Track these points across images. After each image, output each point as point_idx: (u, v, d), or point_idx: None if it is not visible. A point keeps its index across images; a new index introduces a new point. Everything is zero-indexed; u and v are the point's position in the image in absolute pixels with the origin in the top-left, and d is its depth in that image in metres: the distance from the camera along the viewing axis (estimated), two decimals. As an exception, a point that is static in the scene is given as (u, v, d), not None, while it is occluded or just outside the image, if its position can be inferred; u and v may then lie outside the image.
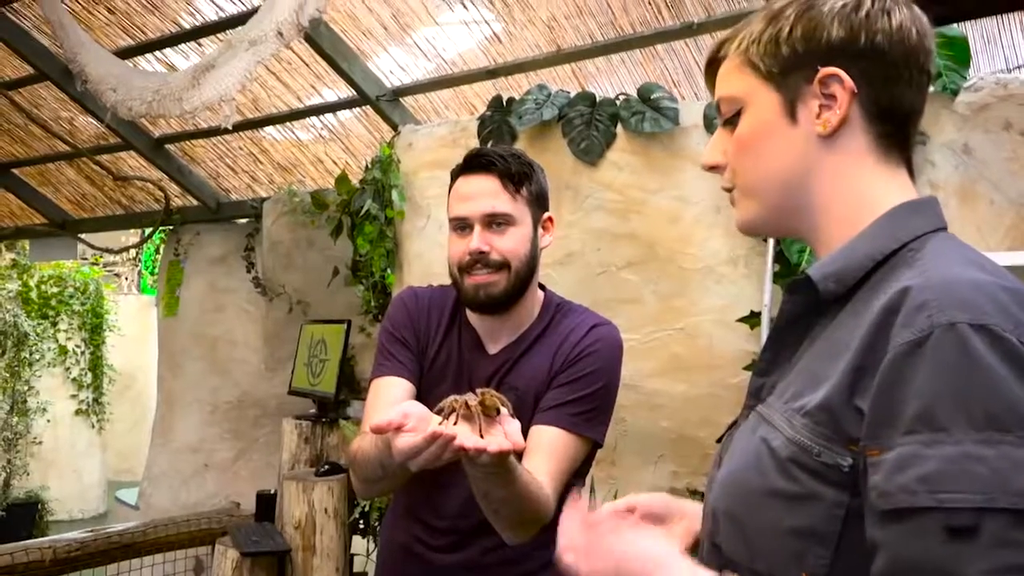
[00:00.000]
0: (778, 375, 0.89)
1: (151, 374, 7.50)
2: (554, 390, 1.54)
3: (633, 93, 2.87)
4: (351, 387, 4.52)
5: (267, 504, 3.97)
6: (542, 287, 1.68)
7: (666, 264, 2.77)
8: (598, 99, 2.89)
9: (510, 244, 1.55)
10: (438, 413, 1.15)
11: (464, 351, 1.62)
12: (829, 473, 0.76)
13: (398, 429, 1.09)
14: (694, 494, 2.69)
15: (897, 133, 0.86)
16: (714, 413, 2.72)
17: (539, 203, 1.60)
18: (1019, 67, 2.98)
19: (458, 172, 1.61)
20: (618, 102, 2.85)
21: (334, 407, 4.11)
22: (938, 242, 0.82)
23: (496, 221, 1.54)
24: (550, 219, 1.64)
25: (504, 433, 1.12)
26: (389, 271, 3.44)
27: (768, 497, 0.80)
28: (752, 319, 2.62)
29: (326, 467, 3.74)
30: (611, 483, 2.80)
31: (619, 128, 2.83)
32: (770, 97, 0.88)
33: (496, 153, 1.57)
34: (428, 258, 3.24)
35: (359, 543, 3.86)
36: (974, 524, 0.65)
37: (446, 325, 1.64)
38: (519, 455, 1.36)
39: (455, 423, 1.12)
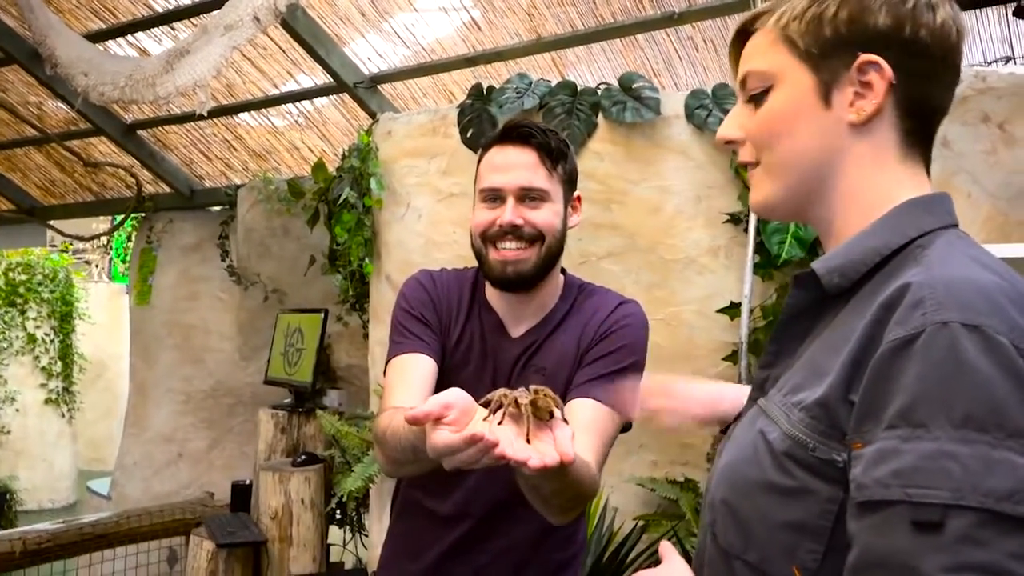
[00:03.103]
0: (782, 368, 0.89)
1: (122, 363, 7.45)
2: (586, 367, 1.49)
3: (614, 82, 2.86)
4: (328, 377, 4.51)
5: (242, 494, 3.94)
6: (563, 270, 1.64)
7: (647, 254, 2.78)
8: (579, 88, 2.88)
9: (545, 217, 1.50)
10: (484, 406, 1.05)
11: (487, 334, 1.57)
12: (824, 468, 0.76)
13: (437, 421, 0.99)
14: (673, 484, 2.70)
15: (923, 130, 0.86)
16: (693, 403, 2.73)
17: (571, 182, 1.57)
18: (997, 60, 3.01)
19: (492, 141, 1.56)
20: (599, 91, 2.85)
21: (311, 397, 4.09)
22: (946, 240, 0.81)
23: (531, 195, 1.49)
24: (579, 198, 1.60)
25: (554, 440, 1.01)
26: (367, 260, 3.42)
27: (763, 490, 0.80)
28: (732, 310, 2.63)
29: (303, 457, 3.73)
30: (590, 473, 2.81)
31: (600, 118, 2.83)
32: (805, 78, 0.86)
33: (535, 126, 1.53)
34: (407, 247, 3.23)
35: (336, 533, 3.85)
36: (940, 520, 0.65)
37: (466, 308, 1.60)
38: None
39: (500, 422, 1.03)
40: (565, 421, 1.06)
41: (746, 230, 2.63)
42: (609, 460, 1.45)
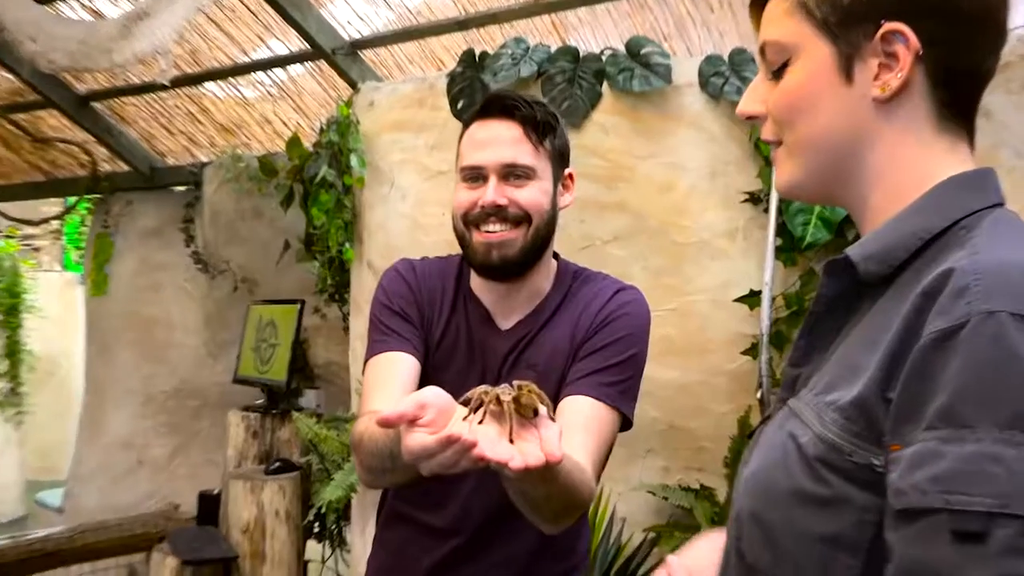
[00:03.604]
0: (813, 365, 0.88)
1: (76, 361, 7.44)
2: (581, 360, 1.50)
3: (620, 47, 2.86)
4: (304, 375, 4.51)
5: (210, 506, 3.95)
6: (556, 255, 1.65)
7: (657, 237, 2.78)
8: (581, 54, 2.88)
9: (532, 196, 1.51)
10: (464, 404, 1.06)
11: (473, 327, 1.58)
12: (861, 474, 0.75)
13: (412, 422, 0.99)
14: (687, 491, 2.71)
15: (962, 100, 0.85)
16: (708, 402, 2.74)
17: (561, 158, 1.57)
18: (1044, 22, 3.01)
19: (473, 116, 1.57)
20: (604, 57, 2.85)
21: (285, 397, 4.10)
22: (993, 220, 0.80)
23: (515, 173, 1.50)
24: (571, 176, 1.61)
25: (540, 440, 1.02)
26: (347, 245, 3.42)
27: (794, 499, 0.80)
28: (751, 298, 2.64)
29: (277, 464, 3.73)
30: (595, 480, 2.82)
31: (605, 86, 2.83)
32: (823, 50, 0.86)
33: (519, 97, 1.53)
34: (391, 230, 3.23)
35: (314, 548, 3.86)
36: (983, 529, 0.65)
37: (451, 300, 1.61)
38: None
39: (481, 421, 1.03)
40: (552, 418, 1.06)
41: (766, 210, 2.64)
42: (616, 465, 1.46)
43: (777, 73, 0.90)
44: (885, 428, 0.74)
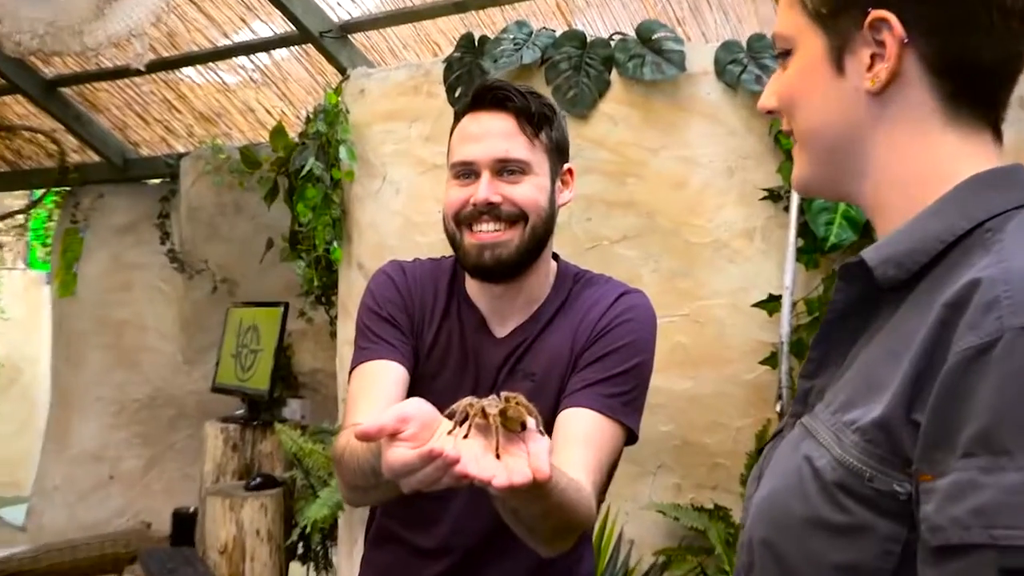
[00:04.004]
0: (828, 378, 0.89)
1: (42, 367, 7.43)
2: (582, 370, 1.51)
3: (630, 32, 2.87)
4: (288, 383, 4.52)
5: (185, 524, 3.96)
6: (556, 257, 1.66)
7: (669, 237, 2.79)
8: (588, 39, 2.89)
9: (527, 193, 1.52)
10: (449, 417, 1.07)
11: (467, 334, 1.59)
12: (883, 502, 0.76)
13: (393, 436, 1.00)
14: (700, 511, 2.72)
15: (972, 91, 0.85)
16: (724, 415, 2.75)
17: (559, 153, 1.58)
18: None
19: (464, 108, 1.59)
20: (613, 43, 2.85)
21: (268, 407, 4.11)
22: (1021, 222, 0.80)
23: (509, 168, 1.51)
24: (570, 171, 1.62)
25: (528, 455, 1.02)
26: (335, 244, 3.43)
27: (810, 527, 0.80)
28: (771, 304, 2.64)
29: (258, 480, 3.74)
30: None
31: (614, 74, 2.83)
32: (816, 42, 0.88)
33: (513, 88, 1.54)
34: (383, 228, 3.24)
35: (298, 571, 3.87)
36: None
37: (443, 305, 1.62)
38: None
39: (466, 435, 1.04)
40: (541, 432, 1.07)
41: (787, 208, 2.65)
42: (624, 483, 1.47)
43: (784, 66, 0.93)
44: (911, 453, 0.74)
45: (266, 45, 4.25)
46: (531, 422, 1.07)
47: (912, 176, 0.87)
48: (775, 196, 2.68)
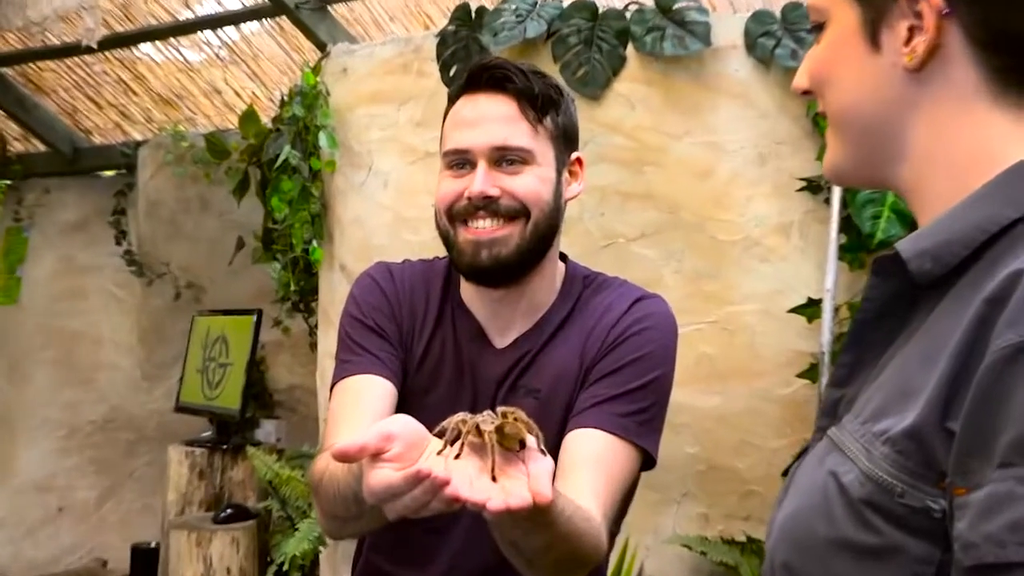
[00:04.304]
0: (859, 385, 0.90)
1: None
2: (592, 385, 1.51)
3: (648, 1, 2.88)
4: (261, 401, 4.52)
5: (146, 562, 3.97)
6: (563, 257, 1.66)
7: (694, 234, 2.80)
8: (601, 10, 2.89)
9: (529, 184, 1.51)
10: (439, 435, 1.07)
11: (463, 345, 1.60)
12: (915, 520, 0.76)
13: (375, 456, 1.00)
14: (731, 545, 2.72)
15: (1022, 66, 0.86)
16: (756, 436, 2.75)
17: (566, 140, 1.58)
18: None
19: (459, 90, 1.58)
20: (628, 14, 2.86)
21: (239, 429, 4.11)
22: None
23: (508, 157, 1.50)
24: (579, 161, 1.61)
25: (527, 475, 1.02)
26: (314, 243, 3.43)
27: (836, 549, 0.81)
28: (810, 309, 2.65)
29: (228, 511, 3.74)
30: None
31: (630, 49, 2.84)
32: (848, 14, 0.89)
33: (513, 66, 1.54)
34: (369, 224, 3.25)
35: (274, 614, 3.88)
36: None
37: (436, 311, 1.62)
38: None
39: (458, 455, 1.04)
40: (543, 451, 1.07)
41: (827, 201, 2.65)
42: (644, 513, 1.47)
43: (818, 41, 0.94)
44: (945, 465, 0.75)
45: (234, 18, 4.25)
46: (531, 440, 1.07)
47: (955, 160, 0.87)
48: (814, 187, 2.69)
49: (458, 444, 1.06)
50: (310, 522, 3.30)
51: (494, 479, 1.02)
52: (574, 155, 1.61)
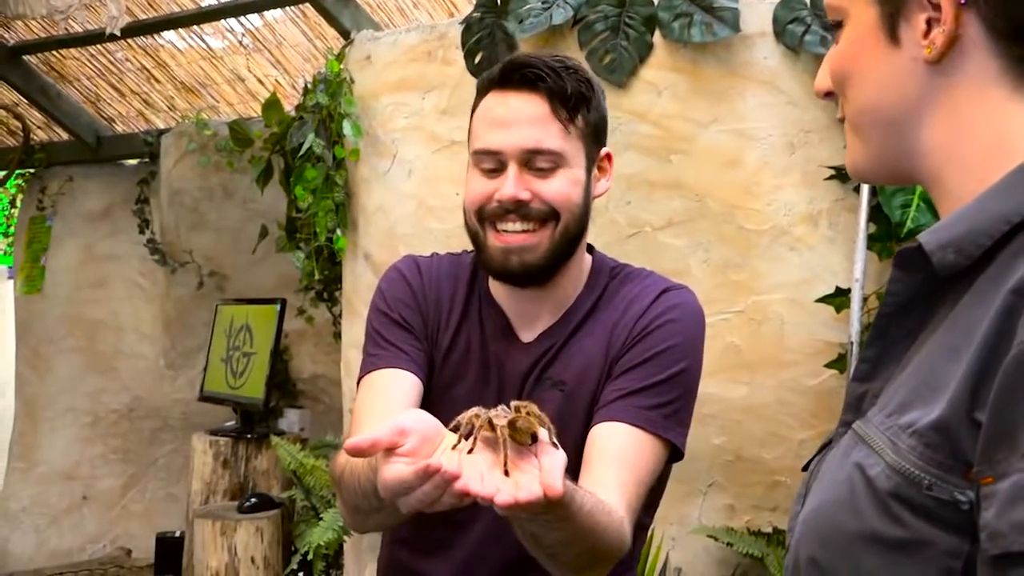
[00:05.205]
0: (884, 379, 0.90)
1: (6, 373, 7.49)
2: (618, 378, 1.51)
3: (676, -13, 2.88)
4: (285, 391, 4.55)
5: (170, 551, 3.99)
6: (590, 248, 1.66)
7: (721, 223, 2.79)
8: (628, -4, 2.90)
9: (560, 188, 1.51)
10: (454, 430, 1.10)
11: (489, 339, 1.61)
12: (943, 512, 0.76)
13: (389, 451, 1.02)
14: (757, 536, 2.73)
15: None
16: (784, 426, 2.75)
17: (596, 137, 1.58)
18: None
19: (488, 85, 1.57)
20: (656, 0, 2.86)
21: (262, 418, 4.13)
22: None
23: (539, 160, 1.51)
24: (608, 157, 1.61)
25: (539, 469, 1.04)
26: (339, 232, 3.44)
27: (863, 542, 0.81)
28: (838, 298, 2.65)
29: (252, 501, 3.76)
30: (644, 522, 2.83)
31: (657, 36, 2.84)
32: (867, 10, 0.90)
33: (546, 64, 1.53)
34: (393, 214, 3.26)
35: (298, 603, 3.90)
36: None
37: (462, 305, 1.64)
38: (574, 472, 1.32)
39: (471, 449, 1.06)
40: (555, 444, 1.09)
41: (857, 190, 2.65)
42: (670, 504, 1.47)
43: (837, 39, 0.94)
44: (973, 457, 0.75)
45: (257, 5, 4.26)
46: (543, 433, 1.09)
47: (976, 152, 0.88)
48: (843, 175, 2.68)
49: (471, 439, 1.07)
50: (334, 512, 3.32)
51: (507, 473, 1.03)
52: (603, 150, 1.60)
